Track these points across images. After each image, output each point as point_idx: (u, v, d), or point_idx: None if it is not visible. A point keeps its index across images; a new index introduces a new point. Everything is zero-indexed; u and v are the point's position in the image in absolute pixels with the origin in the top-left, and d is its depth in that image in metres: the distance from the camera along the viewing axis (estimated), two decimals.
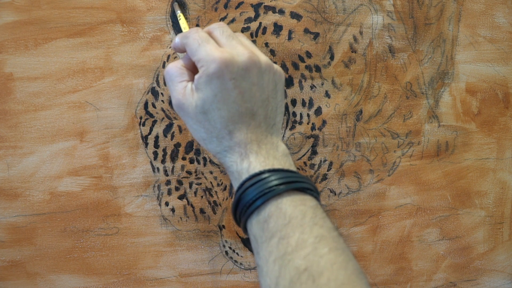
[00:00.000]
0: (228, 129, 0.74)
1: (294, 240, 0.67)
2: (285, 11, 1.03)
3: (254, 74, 0.74)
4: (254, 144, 0.73)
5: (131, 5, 0.99)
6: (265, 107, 0.75)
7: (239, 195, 0.72)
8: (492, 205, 1.15)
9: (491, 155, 1.14)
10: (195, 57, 0.75)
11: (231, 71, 0.72)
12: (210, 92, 0.73)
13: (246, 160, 0.73)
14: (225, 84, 0.72)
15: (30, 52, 0.97)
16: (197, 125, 0.76)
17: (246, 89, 0.73)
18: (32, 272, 1.02)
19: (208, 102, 0.73)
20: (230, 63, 0.72)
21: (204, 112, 0.74)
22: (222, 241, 1.07)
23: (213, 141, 0.76)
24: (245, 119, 0.74)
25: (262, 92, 0.75)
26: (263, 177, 0.71)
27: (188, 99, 0.75)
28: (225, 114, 0.73)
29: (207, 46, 0.74)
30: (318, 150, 1.06)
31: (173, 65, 0.78)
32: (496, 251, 1.16)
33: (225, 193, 1.05)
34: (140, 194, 1.03)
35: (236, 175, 0.74)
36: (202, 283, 1.07)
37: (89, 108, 1.00)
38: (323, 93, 1.05)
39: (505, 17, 1.10)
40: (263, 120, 0.75)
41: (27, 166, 1.00)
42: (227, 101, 0.73)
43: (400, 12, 1.07)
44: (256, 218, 0.71)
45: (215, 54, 0.73)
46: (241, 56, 0.73)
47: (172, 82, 0.78)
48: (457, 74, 1.10)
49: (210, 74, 0.72)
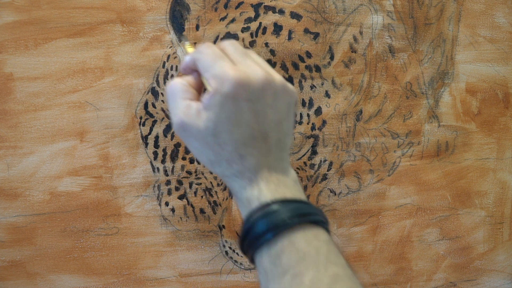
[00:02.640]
0: (240, 153, 0.69)
1: (308, 279, 0.63)
2: (285, 11, 1.03)
3: (269, 96, 0.70)
4: (264, 170, 0.69)
5: (131, 5, 0.99)
6: (278, 130, 0.71)
7: (249, 225, 0.68)
8: (492, 205, 1.15)
9: (491, 155, 1.14)
10: (208, 74, 0.69)
11: (246, 92, 0.68)
12: (223, 113, 0.68)
13: (256, 187, 0.69)
14: (239, 105, 0.68)
15: (30, 52, 0.97)
16: (204, 147, 0.70)
17: (261, 111, 0.69)
18: (32, 272, 1.02)
19: (220, 124, 0.68)
20: (245, 83, 0.68)
21: (215, 135, 0.69)
22: (222, 241, 1.07)
23: (222, 164, 0.71)
24: (257, 143, 0.69)
25: (276, 114, 0.70)
26: (275, 208, 0.67)
27: (192, 119, 0.69)
28: (238, 137, 0.69)
29: (222, 63, 0.69)
30: (318, 150, 1.06)
31: (177, 81, 0.73)
32: (496, 251, 1.16)
33: (225, 193, 1.05)
34: (140, 194, 1.03)
35: (245, 202, 0.70)
36: (202, 283, 1.07)
37: (89, 108, 1.00)
38: (323, 93, 1.05)
39: (505, 17, 1.10)
40: (275, 144, 0.71)
41: (27, 166, 1.00)
42: (240, 123, 0.68)
43: (400, 12, 1.07)
44: (267, 251, 0.66)
45: (230, 72, 0.68)
46: (257, 76, 0.69)
47: (174, 98, 0.72)
48: (457, 74, 1.10)
49: (224, 94, 0.67)
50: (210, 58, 0.70)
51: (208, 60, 0.70)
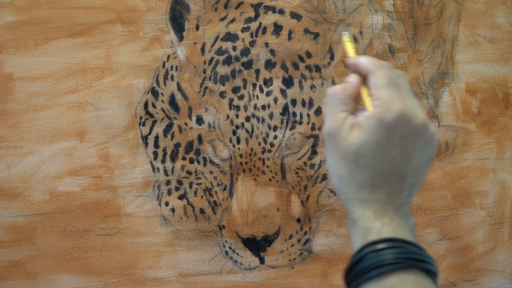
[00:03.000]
0: (373, 182, 0.69)
1: None
2: (285, 11, 1.03)
3: (421, 141, 0.70)
4: (391, 208, 0.70)
5: (131, 5, 0.99)
6: (414, 176, 0.71)
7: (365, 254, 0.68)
8: (492, 205, 1.15)
9: (491, 155, 1.14)
10: (376, 92, 0.70)
11: (404, 128, 0.68)
12: (374, 138, 0.68)
13: (380, 221, 0.69)
14: (393, 138, 0.68)
15: (30, 52, 0.97)
16: (342, 162, 0.70)
17: (408, 152, 0.70)
18: (32, 272, 1.02)
19: (367, 147, 0.68)
20: (407, 120, 0.68)
21: (358, 154, 0.69)
22: (222, 241, 1.07)
23: (351, 186, 0.70)
24: (393, 180, 0.70)
25: (419, 161, 0.71)
26: (399, 245, 0.67)
27: (344, 132, 0.70)
28: (378, 166, 0.69)
29: (393, 92, 0.69)
30: (318, 150, 1.06)
31: (340, 90, 0.72)
32: (496, 251, 1.16)
33: (225, 193, 1.05)
34: (140, 194, 1.03)
35: (361, 230, 0.69)
36: (202, 283, 1.07)
37: (89, 108, 1.00)
38: (323, 93, 1.05)
39: (505, 17, 1.10)
40: (407, 188, 0.71)
41: (27, 166, 1.00)
42: (386, 155, 0.69)
43: (400, 12, 1.07)
44: (375, 284, 0.67)
45: (397, 104, 0.68)
46: (418, 119, 0.69)
47: (334, 107, 0.72)
48: (457, 74, 1.10)
49: (383, 121, 0.68)
50: (385, 81, 0.70)
51: (382, 81, 0.70)
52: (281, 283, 1.09)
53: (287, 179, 1.06)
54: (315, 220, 1.08)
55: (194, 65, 1.02)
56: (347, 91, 0.72)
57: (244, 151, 1.04)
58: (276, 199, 1.05)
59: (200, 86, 1.02)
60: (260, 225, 1.05)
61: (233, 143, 1.03)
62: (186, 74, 1.02)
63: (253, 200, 1.04)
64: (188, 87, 1.02)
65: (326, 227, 1.09)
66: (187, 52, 1.02)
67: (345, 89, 0.72)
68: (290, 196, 1.06)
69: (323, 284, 1.10)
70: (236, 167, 1.04)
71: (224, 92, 1.02)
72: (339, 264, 1.10)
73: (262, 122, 1.03)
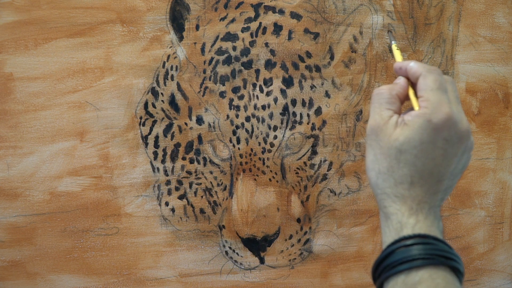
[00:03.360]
0: (412, 180, 0.72)
1: None
2: (285, 11, 1.03)
3: (461, 147, 0.73)
4: (426, 207, 0.72)
5: (131, 5, 0.99)
6: (450, 179, 0.74)
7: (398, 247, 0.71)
8: (492, 205, 1.15)
9: (491, 155, 1.14)
10: (425, 95, 0.72)
11: (449, 131, 0.71)
12: (419, 136, 0.71)
13: (414, 217, 0.71)
14: (437, 139, 0.71)
15: (30, 52, 0.97)
16: (382, 157, 0.73)
17: (449, 155, 0.72)
18: (32, 272, 1.02)
19: (410, 144, 0.71)
20: (453, 124, 0.71)
21: (400, 151, 0.71)
22: (222, 241, 1.07)
23: (389, 180, 0.73)
24: (431, 180, 0.72)
25: (456, 166, 0.74)
26: (431, 242, 0.70)
27: (389, 129, 0.72)
28: (419, 164, 0.71)
29: (442, 96, 0.72)
30: (318, 150, 1.06)
31: (388, 90, 0.75)
32: (496, 251, 1.16)
33: (225, 193, 1.05)
34: (140, 194, 1.03)
35: (396, 225, 0.72)
36: (202, 283, 1.07)
37: (89, 108, 1.00)
38: (323, 93, 1.05)
39: (505, 17, 1.10)
40: (442, 191, 0.74)
41: (27, 166, 1.00)
42: (428, 155, 0.71)
43: (400, 12, 1.07)
44: (404, 278, 0.69)
45: (446, 107, 0.71)
46: (463, 124, 0.72)
47: (381, 105, 0.74)
48: (457, 74, 1.10)
49: (431, 122, 0.70)
50: (435, 85, 0.72)
51: (432, 85, 0.72)
52: (281, 283, 1.09)
53: (287, 179, 1.06)
54: (315, 220, 1.08)
55: (194, 65, 1.02)
56: (394, 92, 0.75)
57: (244, 151, 1.04)
58: (276, 199, 1.05)
59: (200, 86, 1.02)
60: (260, 225, 1.05)
61: (233, 143, 1.03)
62: (186, 74, 1.02)
63: (253, 200, 1.04)
64: (188, 87, 1.02)
65: (326, 227, 1.09)
66: (187, 52, 1.02)
67: (392, 89, 0.75)
68: (290, 196, 1.06)
69: (323, 284, 1.10)
70: (236, 167, 1.04)
71: (224, 92, 1.02)
72: (339, 264, 1.10)
73: (262, 122, 1.03)
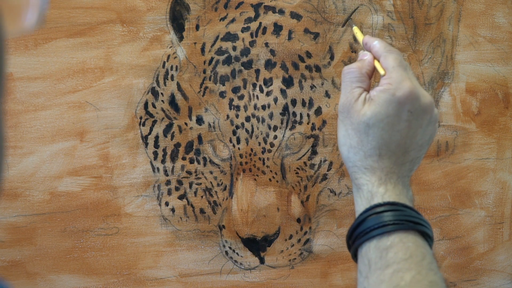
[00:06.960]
0: (380, 152, 0.75)
1: (409, 277, 0.69)
2: (285, 11, 1.03)
3: (426, 119, 0.77)
4: (394, 177, 0.76)
5: (131, 5, 0.99)
6: (417, 150, 0.78)
7: (369, 215, 0.74)
8: (492, 205, 1.15)
9: (491, 155, 1.14)
10: (388, 73, 0.77)
11: (412, 104, 0.75)
12: (385, 110, 0.75)
13: (384, 186, 0.75)
14: (402, 112, 0.75)
15: (30, 52, 0.97)
16: (353, 132, 0.77)
17: (414, 127, 0.76)
18: (32, 272, 1.02)
19: (377, 118, 0.75)
20: (416, 98, 0.75)
21: (368, 125, 0.75)
22: (222, 241, 1.07)
23: (359, 153, 0.77)
24: (398, 151, 0.76)
25: (422, 137, 0.78)
26: (401, 208, 0.74)
27: (358, 106, 0.76)
28: (386, 137, 0.75)
29: (404, 73, 0.77)
30: (318, 150, 1.06)
31: (356, 68, 0.80)
32: (496, 251, 1.16)
33: (225, 193, 1.05)
34: (140, 194, 1.03)
35: (367, 194, 0.76)
36: (202, 283, 1.07)
37: (89, 108, 1.00)
38: (323, 93, 1.05)
39: (505, 17, 1.10)
40: (409, 162, 0.77)
41: (27, 166, 1.00)
42: (394, 127, 0.75)
43: (400, 12, 1.07)
44: (376, 243, 0.72)
45: (408, 82, 0.75)
46: (426, 98, 0.77)
47: (351, 84, 0.79)
48: (457, 74, 1.10)
49: (395, 96, 0.75)
50: (396, 63, 0.78)
51: (393, 63, 0.78)
52: (281, 283, 1.09)
53: (287, 179, 1.06)
54: (315, 220, 1.08)
55: (194, 65, 1.02)
56: (363, 70, 0.79)
57: (244, 151, 1.04)
58: (276, 199, 1.05)
59: (200, 86, 1.02)
60: (260, 225, 1.05)
61: (233, 143, 1.04)
62: (186, 74, 1.02)
63: (253, 200, 1.04)
64: (188, 87, 1.03)
65: (326, 227, 1.09)
66: (187, 52, 1.02)
67: (361, 67, 0.79)
68: (290, 196, 1.06)
69: (323, 284, 1.10)
70: (236, 167, 1.04)
71: (224, 92, 1.02)
72: (339, 264, 1.10)
73: (262, 122, 1.03)
